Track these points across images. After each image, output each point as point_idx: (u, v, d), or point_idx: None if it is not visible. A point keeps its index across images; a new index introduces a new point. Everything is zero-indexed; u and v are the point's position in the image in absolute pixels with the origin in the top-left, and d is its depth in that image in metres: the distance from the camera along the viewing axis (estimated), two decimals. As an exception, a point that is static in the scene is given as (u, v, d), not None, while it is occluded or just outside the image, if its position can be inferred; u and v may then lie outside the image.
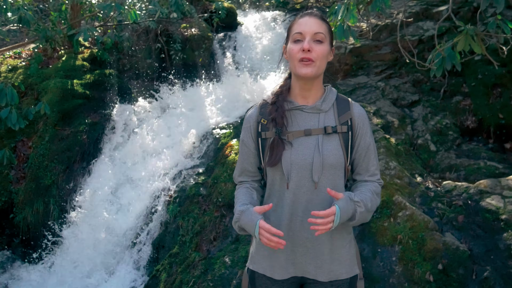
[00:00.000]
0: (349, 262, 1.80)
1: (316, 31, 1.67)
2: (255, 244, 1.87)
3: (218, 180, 4.23)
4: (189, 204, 4.30)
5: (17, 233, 4.93)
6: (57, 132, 5.30)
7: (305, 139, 1.72)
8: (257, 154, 1.81)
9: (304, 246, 1.74)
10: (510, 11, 4.82)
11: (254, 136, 1.80)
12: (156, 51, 6.83)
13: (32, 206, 4.90)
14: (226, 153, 4.50)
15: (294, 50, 1.68)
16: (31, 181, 5.01)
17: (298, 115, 1.76)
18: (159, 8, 6.23)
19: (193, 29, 6.99)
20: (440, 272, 2.95)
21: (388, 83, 5.24)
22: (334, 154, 1.71)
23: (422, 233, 3.12)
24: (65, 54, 6.25)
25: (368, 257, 3.19)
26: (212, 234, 3.92)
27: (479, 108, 4.59)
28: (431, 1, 5.82)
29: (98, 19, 6.84)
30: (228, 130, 5.08)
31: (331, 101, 1.78)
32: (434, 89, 5.03)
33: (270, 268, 1.79)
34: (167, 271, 3.89)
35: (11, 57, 6.27)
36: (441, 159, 4.27)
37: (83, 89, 5.71)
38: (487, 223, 3.14)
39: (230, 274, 3.43)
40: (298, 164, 1.70)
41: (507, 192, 3.32)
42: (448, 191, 3.56)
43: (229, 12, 7.67)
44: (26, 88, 5.62)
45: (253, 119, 1.81)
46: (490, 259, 2.95)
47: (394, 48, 5.40)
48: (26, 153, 5.24)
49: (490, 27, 3.07)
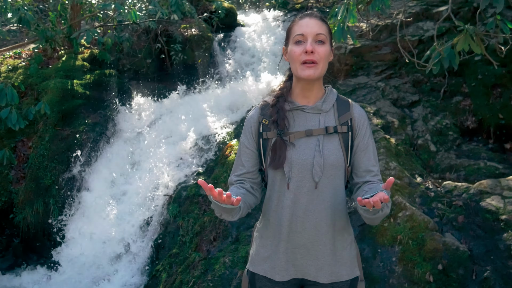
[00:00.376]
0: (350, 263, 1.79)
1: (318, 32, 1.67)
2: (255, 245, 1.87)
3: (218, 180, 4.23)
4: (189, 204, 4.30)
5: (17, 233, 4.93)
6: (57, 132, 5.30)
7: (306, 139, 1.72)
8: (258, 155, 1.80)
9: (305, 247, 1.73)
10: (510, 11, 4.82)
11: (255, 136, 1.80)
12: (156, 51, 6.83)
13: (32, 206, 4.90)
14: (226, 153, 4.50)
15: (296, 52, 1.68)
16: (31, 181, 5.01)
17: (299, 115, 1.75)
18: (159, 9, 6.24)
19: (193, 29, 6.99)
20: (440, 273, 2.95)
21: (388, 84, 5.24)
22: (335, 154, 1.71)
23: (422, 234, 3.12)
24: (65, 54, 6.25)
25: (368, 257, 3.19)
26: (212, 235, 3.92)
27: (479, 108, 4.59)
28: (431, 1, 5.82)
29: (98, 19, 6.84)
30: (228, 130, 5.09)
31: (332, 101, 1.78)
32: (434, 89, 5.02)
33: (271, 269, 1.78)
34: (167, 271, 3.89)
35: (11, 57, 6.28)
36: (441, 160, 4.27)
37: (83, 89, 5.71)
38: (487, 223, 3.14)
39: (230, 274, 3.43)
40: (299, 164, 1.69)
41: (507, 192, 3.32)
42: (448, 191, 3.56)
43: (229, 12, 7.67)
44: (26, 88, 5.62)
45: (254, 120, 1.81)
46: (490, 260, 2.95)
47: (394, 49, 5.40)
48: (26, 153, 5.24)
49: (489, 27, 3.08)
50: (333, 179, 1.72)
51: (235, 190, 1.73)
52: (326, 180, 1.70)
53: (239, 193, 1.71)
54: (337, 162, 1.71)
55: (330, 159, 1.69)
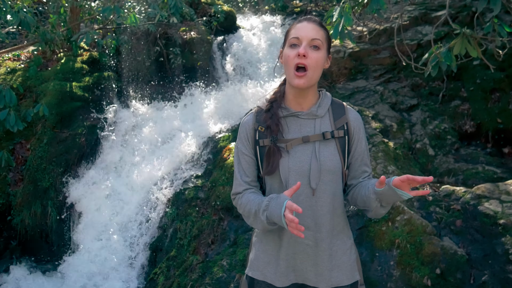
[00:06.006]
0: (350, 268, 1.78)
1: (313, 37, 1.66)
2: (254, 250, 1.85)
3: (216, 184, 4.23)
4: (187, 207, 4.29)
5: (14, 235, 4.92)
6: (55, 134, 5.29)
7: (302, 145, 1.71)
8: (256, 162, 1.79)
9: (305, 253, 1.72)
10: (508, 16, 4.84)
11: (251, 143, 1.78)
12: (155, 54, 6.83)
13: (30, 209, 4.89)
14: (224, 156, 4.50)
15: (290, 55, 1.67)
16: (29, 184, 5.00)
17: (293, 122, 1.74)
18: (159, 12, 6.24)
19: (193, 32, 7.00)
20: (438, 277, 2.95)
21: (386, 87, 5.24)
22: (331, 160, 1.70)
23: (420, 238, 3.11)
24: (64, 56, 6.25)
25: (366, 261, 3.19)
26: (210, 238, 3.92)
27: (477, 112, 4.59)
28: (430, 5, 5.84)
29: (97, 22, 6.85)
30: (226, 134, 5.08)
31: (326, 106, 1.77)
32: (432, 94, 5.03)
33: (271, 275, 1.77)
34: (165, 275, 3.88)
35: (10, 59, 6.27)
36: (439, 164, 4.27)
37: (81, 91, 5.71)
38: (485, 227, 3.14)
39: (228, 277, 3.42)
40: (296, 170, 1.68)
41: (505, 196, 3.32)
42: (446, 195, 3.56)
43: (228, 15, 7.68)
44: (25, 90, 5.62)
45: (250, 127, 1.79)
46: (488, 264, 2.95)
47: (393, 52, 5.41)
48: (24, 155, 5.23)
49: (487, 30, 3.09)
50: (330, 184, 1.71)
51: (259, 197, 1.72)
52: (323, 185, 1.70)
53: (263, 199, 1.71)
54: (334, 167, 1.70)
55: (327, 165, 1.69)
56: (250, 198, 1.74)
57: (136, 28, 6.57)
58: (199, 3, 7.92)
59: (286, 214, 1.49)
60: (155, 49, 6.79)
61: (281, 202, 1.55)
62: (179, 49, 6.68)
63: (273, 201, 1.60)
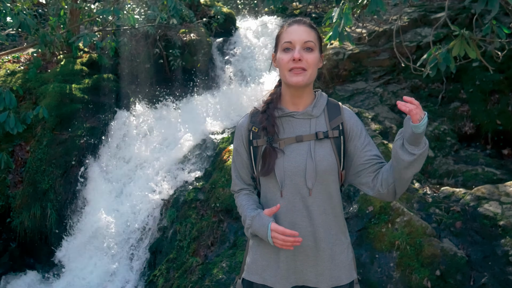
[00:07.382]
0: (349, 267, 1.78)
1: (306, 40, 1.66)
2: (251, 254, 1.83)
3: (216, 185, 4.23)
4: (187, 209, 4.29)
5: (14, 237, 4.91)
6: (55, 136, 5.29)
7: (297, 145, 1.71)
8: (250, 163, 1.79)
9: (305, 253, 1.72)
10: (506, 17, 4.85)
11: (246, 144, 1.79)
12: (155, 56, 6.84)
13: (29, 211, 4.88)
14: (224, 158, 4.50)
15: (284, 59, 1.67)
16: (29, 186, 5.00)
17: (289, 122, 1.74)
18: (158, 13, 6.25)
19: (192, 34, 7.01)
20: (438, 278, 2.95)
21: (386, 89, 5.25)
22: (327, 160, 1.69)
23: (420, 239, 3.11)
24: (63, 58, 6.26)
25: (366, 263, 3.18)
26: (210, 239, 3.91)
27: (477, 114, 4.60)
28: (429, 7, 5.86)
29: (97, 24, 6.85)
30: (226, 135, 5.08)
31: (322, 106, 1.76)
32: (432, 95, 5.04)
33: (271, 278, 1.75)
34: (165, 276, 3.87)
35: (10, 62, 6.28)
36: (439, 165, 4.27)
37: (81, 93, 5.71)
38: (485, 229, 3.14)
39: (228, 279, 3.41)
40: (291, 171, 1.68)
41: (505, 198, 3.32)
42: (446, 197, 3.56)
43: (227, 17, 7.69)
44: (25, 93, 5.62)
45: (244, 128, 1.80)
46: (488, 265, 2.95)
47: (392, 54, 5.42)
48: (23, 157, 5.23)
49: (485, 32, 3.10)
50: (327, 184, 1.71)
51: (246, 207, 1.78)
52: (320, 186, 1.69)
53: (260, 206, 1.78)
54: (330, 167, 1.70)
55: (323, 165, 1.68)
56: (241, 204, 1.81)
57: (136, 30, 6.57)
58: (198, 5, 7.93)
59: (276, 235, 1.59)
60: (154, 51, 6.80)
61: (265, 224, 1.63)
62: (179, 51, 6.69)
63: (255, 221, 1.67)
